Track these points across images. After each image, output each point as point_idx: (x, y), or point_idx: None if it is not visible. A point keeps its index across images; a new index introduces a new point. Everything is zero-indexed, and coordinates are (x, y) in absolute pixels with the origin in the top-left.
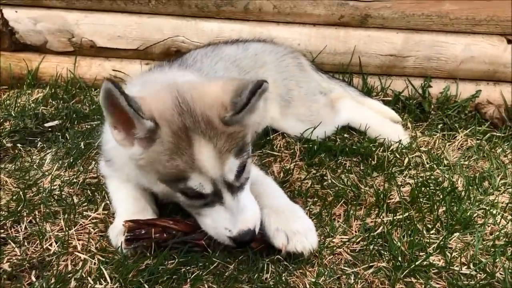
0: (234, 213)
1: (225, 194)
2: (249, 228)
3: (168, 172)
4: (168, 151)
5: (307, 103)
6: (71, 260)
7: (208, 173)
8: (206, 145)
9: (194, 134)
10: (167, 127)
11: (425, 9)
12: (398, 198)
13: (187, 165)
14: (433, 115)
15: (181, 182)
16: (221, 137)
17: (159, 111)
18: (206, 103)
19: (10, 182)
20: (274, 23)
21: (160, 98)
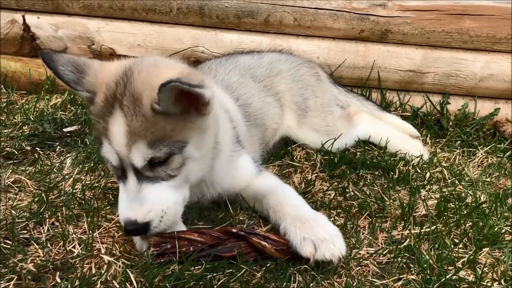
0: (129, 198)
1: (130, 176)
2: (135, 220)
3: (95, 132)
4: (97, 114)
5: (323, 114)
6: (95, 263)
7: (114, 145)
8: (121, 119)
9: (116, 105)
10: (102, 93)
11: (446, 25)
12: (424, 212)
13: (103, 131)
14: (451, 132)
15: (100, 146)
16: (139, 119)
17: (104, 78)
18: (147, 83)
19: (31, 184)
20: (294, 36)
21: (115, 68)
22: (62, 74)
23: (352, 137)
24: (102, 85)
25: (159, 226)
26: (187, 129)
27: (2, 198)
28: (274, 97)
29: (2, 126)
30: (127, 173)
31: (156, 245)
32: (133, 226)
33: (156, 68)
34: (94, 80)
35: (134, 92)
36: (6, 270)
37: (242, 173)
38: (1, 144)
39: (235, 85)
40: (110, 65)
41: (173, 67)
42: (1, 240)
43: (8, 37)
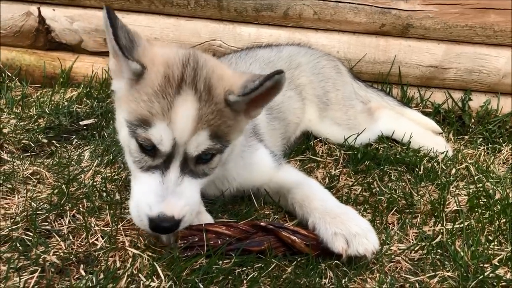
0: (167, 192)
1: (173, 166)
2: (173, 216)
3: (138, 112)
4: (149, 92)
5: (344, 108)
6: (119, 256)
7: (176, 129)
8: (193, 102)
9: (186, 87)
10: (161, 70)
11: (469, 20)
12: (455, 207)
13: (161, 110)
14: (473, 129)
15: (143, 128)
16: (210, 107)
17: (161, 57)
18: (216, 74)
19: (49, 176)
20: (313, 30)
21: (173, 50)
22: (120, 37)
23: (375, 132)
24: (156, 62)
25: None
26: (236, 130)
27: (21, 189)
28: (295, 90)
29: (17, 118)
30: (171, 163)
31: (183, 238)
32: (170, 224)
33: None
34: (144, 54)
35: (208, 79)
36: (29, 262)
37: (260, 167)
38: (17, 136)
39: None
40: (160, 45)
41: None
42: (22, 232)
43: (23, 29)
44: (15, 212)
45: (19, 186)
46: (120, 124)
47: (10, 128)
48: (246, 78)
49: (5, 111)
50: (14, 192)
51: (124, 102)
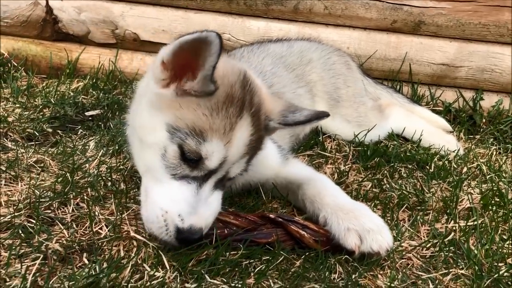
0: (199, 203)
1: (211, 180)
2: (201, 228)
3: (195, 124)
4: (211, 108)
5: (355, 105)
6: (124, 245)
7: (230, 150)
8: (248, 127)
9: (246, 112)
10: (223, 89)
11: (483, 18)
12: (468, 205)
13: (222, 128)
14: (484, 128)
15: (196, 139)
16: (258, 133)
17: (220, 74)
18: (262, 96)
19: (54, 164)
20: (324, 25)
21: (226, 65)
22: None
23: (385, 129)
24: (221, 81)
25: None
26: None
27: (25, 177)
28: (305, 88)
29: (22, 108)
30: (211, 177)
31: None
32: (198, 235)
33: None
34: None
35: (259, 105)
36: (31, 249)
37: (267, 161)
38: (22, 125)
39: (269, 74)
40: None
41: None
42: (24, 219)
43: (30, 19)
44: (18, 199)
45: (23, 173)
46: (155, 124)
47: (15, 117)
48: (283, 106)
49: (10, 101)
50: (18, 180)
51: (169, 107)
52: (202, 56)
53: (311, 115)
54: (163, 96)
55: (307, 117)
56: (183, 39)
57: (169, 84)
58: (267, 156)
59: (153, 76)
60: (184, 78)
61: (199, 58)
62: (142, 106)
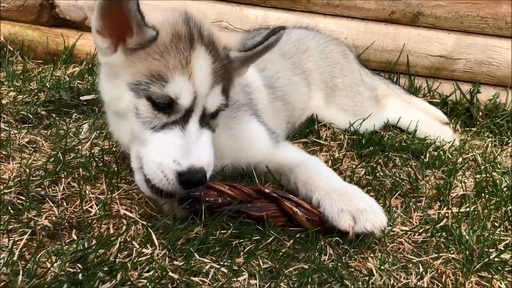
0: (191, 144)
1: (193, 119)
2: (202, 167)
3: (150, 70)
4: (160, 50)
5: (351, 94)
6: (113, 223)
7: (196, 82)
8: (206, 56)
9: (198, 43)
10: (166, 31)
11: (481, 10)
12: (462, 192)
13: (179, 64)
14: (480, 121)
15: (159, 83)
16: (219, 62)
17: (160, 18)
18: (213, 30)
19: (47, 145)
20: (322, 15)
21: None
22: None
23: (381, 119)
24: (162, 25)
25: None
26: (233, 86)
27: (17, 157)
28: (301, 76)
29: (17, 91)
30: (191, 116)
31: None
32: (201, 175)
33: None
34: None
35: (210, 36)
36: (20, 225)
37: (254, 142)
38: (16, 107)
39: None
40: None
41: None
42: (14, 196)
43: (27, 4)
44: (8, 177)
45: (15, 153)
46: (118, 91)
47: (9, 99)
48: (242, 37)
49: (5, 84)
50: (9, 159)
51: (124, 68)
52: (124, 6)
53: (267, 33)
54: (114, 62)
55: (264, 36)
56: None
57: (116, 49)
58: (254, 137)
59: (98, 49)
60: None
61: (123, 9)
62: (103, 81)
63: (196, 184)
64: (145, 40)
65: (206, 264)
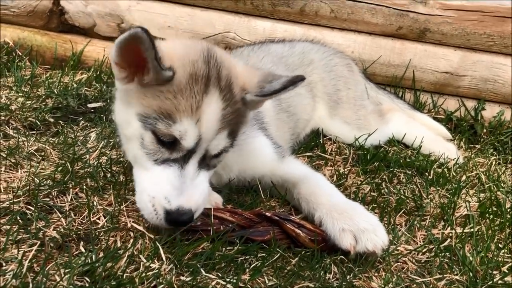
0: (186, 185)
1: (193, 160)
2: (190, 209)
3: (160, 108)
4: (174, 91)
5: (355, 107)
6: (121, 236)
7: (202, 127)
8: (218, 102)
9: (213, 87)
10: (184, 70)
11: (488, 28)
12: (466, 212)
13: (189, 107)
14: (484, 139)
15: (166, 122)
16: (232, 106)
17: (179, 55)
18: (232, 69)
19: (54, 154)
20: (329, 28)
21: (187, 45)
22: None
23: (386, 134)
24: (181, 62)
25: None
26: (245, 124)
27: (25, 165)
28: (306, 87)
29: (25, 97)
30: (191, 157)
31: None
32: (188, 216)
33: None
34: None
35: (228, 78)
36: (28, 235)
37: (260, 156)
38: (24, 114)
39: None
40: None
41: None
42: (23, 206)
43: (37, 9)
44: (17, 186)
45: (23, 161)
46: (129, 117)
47: (17, 105)
48: (260, 77)
49: (13, 89)
50: (18, 167)
51: (137, 98)
52: (142, 51)
53: (286, 81)
54: (129, 90)
55: (283, 84)
56: (118, 41)
57: (133, 78)
58: (260, 151)
59: (116, 77)
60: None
61: (142, 53)
62: (118, 103)
63: (181, 225)
64: (161, 80)
65: (212, 280)
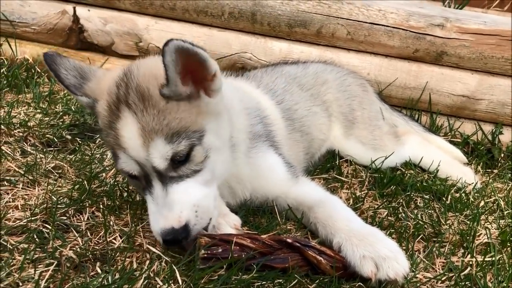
0: (159, 207)
1: (154, 183)
2: (172, 227)
3: (110, 147)
4: (104, 126)
5: (370, 128)
6: (137, 257)
7: (130, 151)
8: (130, 119)
9: (122, 106)
10: (104, 100)
11: (506, 52)
12: (486, 240)
13: (115, 142)
14: (502, 163)
15: (116, 161)
16: (150, 112)
17: (105, 85)
18: (149, 74)
19: (72, 171)
20: (345, 50)
21: (116, 73)
22: (63, 78)
23: (402, 156)
24: (104, 92)
25: (198, 223)
26: (202, 115)
27: (42, 182)
28: (321, 106)
29: (43, 113)
30: (151, 180)
31: (207, 248)
32: (172, 234)
33: (155, 61)
34: (95, 87)
35: (138, 87)
36: (45, 254)
37: (272, 175)
38: (42, 130)
39: (280, 91)
40: (113, 71)
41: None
42: (40, 224)
43: (56, 27)
44: (35, 203)
45: (40, 178)
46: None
47: (35, 122)
48: None
49: (31, 106)
50: (35, 184)
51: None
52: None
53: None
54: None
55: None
56: None
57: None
58: (272, 168)
59: None
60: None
61: None
62: None
63: (175, 243)
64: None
65: None
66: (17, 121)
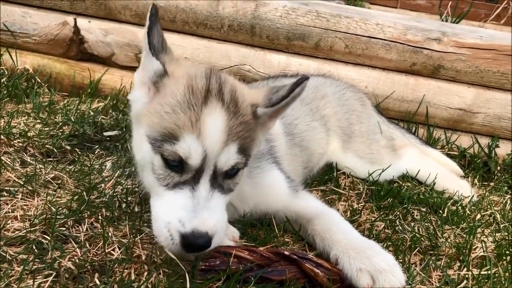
0: (199, 207)
1: (203, 180)
2: (206, 232)
3: (162, 126)
4: (172, 103)
5: (367, 141)
6: (135, 269)
7: (205, 140)
8: (221, 113)
9: (213, 99)
10: (184, 80)
11: (502, 66)
12: (482, 253)
13: (188, 122)
14: (498, 176)
15: (169, 142)
16: (239, 119)
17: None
18: (238, 88)
19: (71, 182)
20: (343, 63)
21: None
22: (154, 35)
23: (399, 169)
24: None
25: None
26: (257, 143)
27: (42, 193)
28: (320, 121)
29: (43, 124)
30: (201, 177)
31: (204, 260)
32: (204, 240)
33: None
34: (169, 63)
35: (232, 91)
36: (44, 265)
37: (274, 190)
38: (41, 140)
39: None
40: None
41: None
42: (39, 235)
43: (57, 38)
44: (34, 214)
45: (40, 189)
46: (140, 141)
47: (35, 132)
48: (266, 91)
49: (31, 116)
50: (34, 195)
51: (144, 116)
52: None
53: (292, 85)
54: (138, 102)
55: (289, 89)
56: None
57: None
58: (274, 185)
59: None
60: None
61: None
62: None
63: (198, 249)
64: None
65: None
66: (17, 131)
